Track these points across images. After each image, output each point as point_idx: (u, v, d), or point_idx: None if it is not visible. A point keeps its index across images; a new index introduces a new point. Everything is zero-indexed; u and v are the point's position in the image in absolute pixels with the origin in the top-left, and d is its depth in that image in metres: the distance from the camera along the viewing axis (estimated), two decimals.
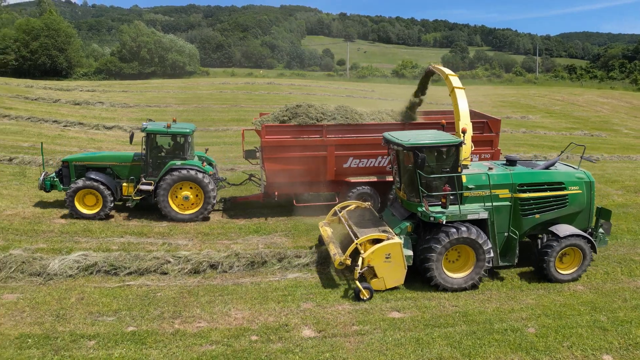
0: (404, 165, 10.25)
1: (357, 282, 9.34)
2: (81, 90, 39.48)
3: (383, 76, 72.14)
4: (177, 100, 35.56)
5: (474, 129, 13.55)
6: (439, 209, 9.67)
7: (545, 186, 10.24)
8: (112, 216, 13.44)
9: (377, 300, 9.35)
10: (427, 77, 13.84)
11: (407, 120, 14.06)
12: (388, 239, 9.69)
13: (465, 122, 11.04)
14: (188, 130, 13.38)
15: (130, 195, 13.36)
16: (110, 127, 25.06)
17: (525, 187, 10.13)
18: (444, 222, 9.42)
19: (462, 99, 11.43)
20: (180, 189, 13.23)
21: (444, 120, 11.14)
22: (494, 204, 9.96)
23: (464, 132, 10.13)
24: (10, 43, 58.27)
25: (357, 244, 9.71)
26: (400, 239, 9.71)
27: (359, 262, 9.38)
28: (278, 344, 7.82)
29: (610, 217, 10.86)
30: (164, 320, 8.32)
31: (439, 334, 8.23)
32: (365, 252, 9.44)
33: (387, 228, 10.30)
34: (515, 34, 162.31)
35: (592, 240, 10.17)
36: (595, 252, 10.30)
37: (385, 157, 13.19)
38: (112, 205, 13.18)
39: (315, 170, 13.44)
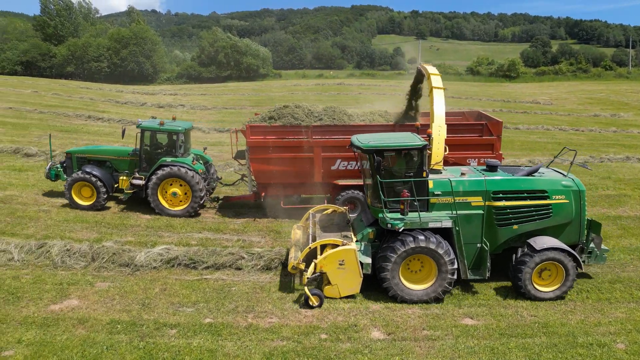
0: (367, 169, 9.69)
1: (306, 288, 9.00)
2: (164, 94, 42.19)
3: (456, 74, 69.76)
4: (252, 102, 36.86)
5: (470, 131, 12.90)
6: (397, 215, 9.09)
7: (525, 194, 9.34)
8: (108, 207, 14.03)
9: (448, 305, 9.09)
10: (417, 78, 13.16)
11: (404, 122, 13.26)
12: (344, 244, 9.24)
13: (438, 124, 10.13)
14: (180, 129, 13.63)
15: (124, 189, 13.86)
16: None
17: (500, 195, 9.29)
18: (400, 230, 8.87)
19: (439, 100, 10.64)
20: (171, 185, 13.52)
21: (418, 123, 10.69)
22: (465, 212, 9.21)
23: (429, 134, 9.63)
24: (103, 51, 63.54)
25: (309, 247, 9.48)
26: (358, 245, 9.23)
27: (310, 267, 9.03)
28: (347, 343, 7.87)
29: (600, 231, 9.87)
30: (238, 313, 8.68)
31: (515, 345, 7.84)
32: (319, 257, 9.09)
33: (350, 234, 9.88)
34: (605, 25, 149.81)
35: (576, 254, 9.13)
36: (580, 268, 9.28)
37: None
38: (105, 197, 13.70)
39: (302, 172, 13.12)
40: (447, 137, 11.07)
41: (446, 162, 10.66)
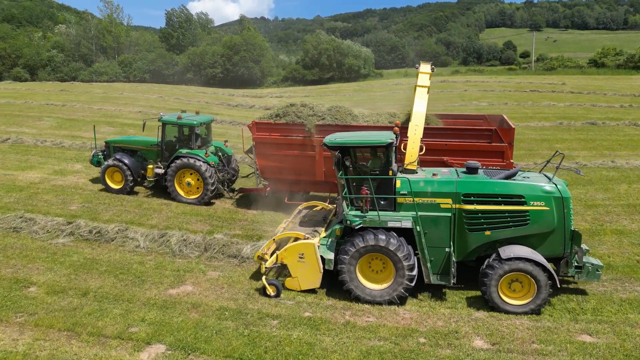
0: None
1: (263, 278, 9.28)
2: (271, 97, 44.28)
3: (577, 67, 63.61)
4: (353, 103, 37.16)
5: (479, 137, 12.16)
6: (358, 212, 8.93)
7: (500, 198, 8.64)
8: (136, 192, 15.39)
9: (562, 319, 8.33)
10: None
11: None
12: (305, 238, 9.39)
13: (416, 122, 9.80)
14: (195, 122, 14.48)
15: (148, 176, 15.12)
16: None
17: (472, 198, 8.69)
18: (356, 227, 8.75)
19: (421, 99, 10.30)
20: (190, 174, 14.50)
21: (398, 122, 10.40)
22: (432, 214, 8.78)
23: (395, 133, 9.29)
24: (217, 58, 68.59)
25: (273, 239, 9.81)
26: (325, 241, 9.32)
27: (272, 258, 9.32)
28: (447, 350, 7.58)
29: (581, 242, 8.79)
30: (335, 310, 8.81)
31: None
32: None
33: (319, 229, 10.03)
34: None
35: (549, 268, 8.25)
36: (555, 283, 8.27)
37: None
38: (132, 182, 15.13)
39: (305, 170, 13.24)
40: (454, 142, 10.75)
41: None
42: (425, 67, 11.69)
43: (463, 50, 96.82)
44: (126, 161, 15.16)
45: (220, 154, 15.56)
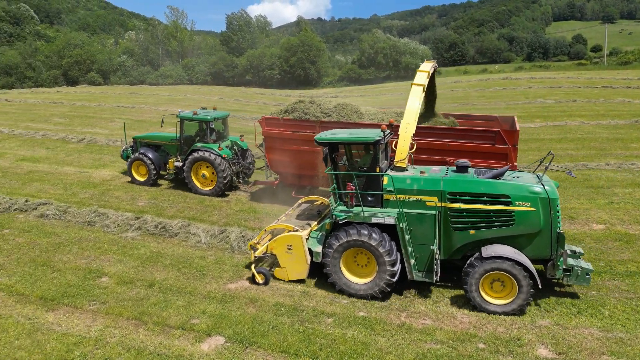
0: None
1: (252, 266, 9.82)
2: (327, 97, 44.51)
3: None
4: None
5: (482, 138, 11.91)
6: (344, 207, 9.22)
7: (485, 198, 8.60)
8: (159, 185, 16.48)
9: (637, 330, 7.75)
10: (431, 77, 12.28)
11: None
12: (295, 230, 9.77)
13: (407, 120, 9.80)
14: (209, 118, 15.33)
15: (168, 169, 16.19)
16: None
17: (457, 197, 8.73)
18: (340, 221, 9.05)
19: (414, 97, 10.30)
20: (206, 167, 15.39)
21: (392, 120, 10.63)
22: (418, 211, 8.90)
23: (383, 131, 9.23)
24: (275, 60, 69.96)
25: (264, 230, 10.42)
26: (315, 234, 9.78)
27: (262, 247, 9.91)
28: (508, 357, 7.28)
29: (564, 244, 8.56)
30: (391, 311, 8.72)
31: None
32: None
33: (311, 222, 10.42)
34: None
35: (531, 268, 8.14)
36: (536, 284, 8.15)
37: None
38: (155, 175, 16.27)
39: (312, 165, 13.38)
40: (456, 143, 10.91)
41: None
42: (425, 66, 11.62)
43: (528, 46, 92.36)
44: (150, 155, 16.33)
45: (235, 147, 16.34)
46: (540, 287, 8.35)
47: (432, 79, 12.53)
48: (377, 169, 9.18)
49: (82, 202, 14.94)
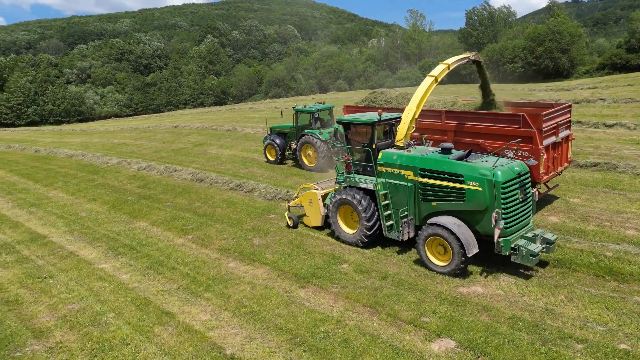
0: None
1: (286, 213, 13.84)
2: (581, 89, 38.75)
3: None
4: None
5: (509, 122, 12.49)
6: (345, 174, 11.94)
7: (445, 175, 9.96)
8: (285, 163, 21.18)
9: None
10: (478, 69, 13.87)
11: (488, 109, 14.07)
12: (315, 189, 13.07)
13: (411, 106, 11.35)
14: (313, 109, 19.38)
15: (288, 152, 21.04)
16: (611, 125, 23.18)
17: (426, 173, 10.30)
18: (339, 184, 12.07)
19: (423, 86, 11.62)
20: (310, 148, 19.38)
21: (380, 110, 11.58)
22: (399, 182, 10.81)
23: (379, 115, 11.23)
24: (518, 52, 64.50)
25: (300, 188, 13.93)
26: (331, 193, 12.52)
27: (295, 200, 13.61)
28: None
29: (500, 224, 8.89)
30: None
31: None
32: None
33: (335, 185, 12.75)
34: None
35: (459, 237, 9.42)
36: (465, 251, 9.38)
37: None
38: (280, 156, 21.08)
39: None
40: (487, 126, 12.62)
41: (485, 150, 12.20)
42: (450, 59, 12.42)
43: None
44: (277, 141, 21.08)
45: (337, 134, 19.03)
46: (468, 255, 9.43)
47: (481, 69, 13.72)
48: (374, 146, 11.27)
49: None
